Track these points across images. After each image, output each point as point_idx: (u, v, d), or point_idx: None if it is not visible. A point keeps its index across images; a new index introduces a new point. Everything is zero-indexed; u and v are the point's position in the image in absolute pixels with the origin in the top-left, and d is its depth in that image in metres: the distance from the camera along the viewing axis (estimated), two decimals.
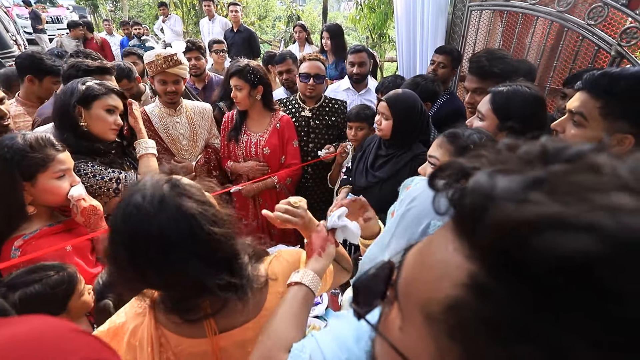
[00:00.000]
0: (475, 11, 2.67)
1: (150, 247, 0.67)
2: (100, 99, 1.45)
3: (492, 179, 0.26)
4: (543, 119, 1.27)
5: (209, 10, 5.91)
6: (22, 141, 1.16)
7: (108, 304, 1.08)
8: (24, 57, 2.09)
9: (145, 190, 0.70)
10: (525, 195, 0.23)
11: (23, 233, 1.18)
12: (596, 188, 0.22)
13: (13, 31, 8.13)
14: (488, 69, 1.65)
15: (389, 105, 1.66)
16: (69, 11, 13.67)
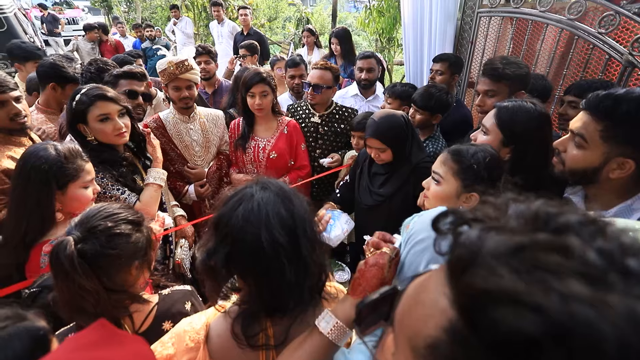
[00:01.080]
0: (484, 17, 2.65)
1: (304, 232, 0.73)
2: (90, 111, 1.46)
3: (482, 237, 0.29)
4: (548, 135, 1.26)
5: (218, 14, 5.99)
6: (55, 152, 1.24)
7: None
8: (47, 65, 2.15)
9: (279, 189, 0.76)
10: (497, 265, 0.26)
11: (49, 239, 1.24)
12: (559, 272, 0.24)
13: (31, 33, 8.35)
14: (501, 71, 1.66)
15: (381, 141, 1.61)
16: (84, 12, 13.98)
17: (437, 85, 2.10)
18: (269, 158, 2.16)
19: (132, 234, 0.99)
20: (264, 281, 0.77)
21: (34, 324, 0.58)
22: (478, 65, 2.79)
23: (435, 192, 1.17)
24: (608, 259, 0.25)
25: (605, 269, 0.25)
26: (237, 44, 5.52)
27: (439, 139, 2.09)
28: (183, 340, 0.82)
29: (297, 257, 0.74)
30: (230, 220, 0.74)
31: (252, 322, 0.79)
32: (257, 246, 0.71)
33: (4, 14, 7.04)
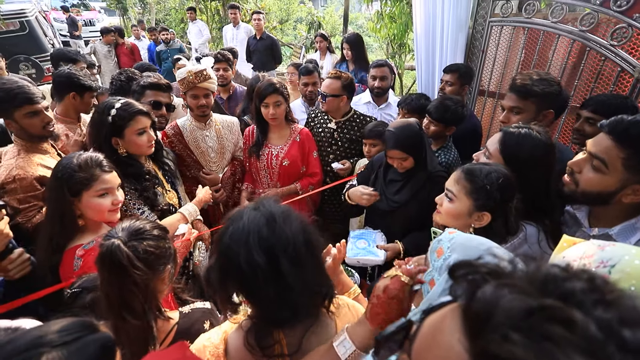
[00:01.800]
0: (496, 26, 2.68)
1: (284, 252, 0.76)
2: (129, 126, 1.55)
3: (497, 295, 0.33)
4: (550, 164, 1.27)
5: (235, 17, 6.09)
6: (75, 162, 1.31)
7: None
8: (64, 76, 2.22)
9: (269, 209, 0.80)
10: (510, 331, 0.30)
11: (82, 243, 1.32)
12: (564, 345, 0.28)
13: (50, 35, 8.61)
14: (530, 88, 1.57)
15: (402, 151, 1.66)
16: (100, 14, 14.32)
17: (453, 98, 2.10)
18: (281, 165, 2.23)
19: (165, 237, 1.11)
20: (249, 297, 0.83)
21: (105, 334, 0.66)
22: (489, 73, 2.81)
23: (448, 210, 1.19)
24: (606, 331, 0.29)
25: (604, 342, 0.28)
26: (249, 48, 5.63)
27: (451, 149, 2.11)
28: (204, 355, 0.87)
29: (275, 275, 0.76)
30: (222, 239, 0.81)
31: (264, 334, 0.84)
32: (237, 265, 0.76)
33: (26, 17, 7.28)
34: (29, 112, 1.65)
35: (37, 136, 1.72)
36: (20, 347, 0.59)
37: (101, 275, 1.00)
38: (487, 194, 1.11)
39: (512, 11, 2.56)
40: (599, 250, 0.67)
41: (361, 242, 1.74)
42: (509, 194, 1.12)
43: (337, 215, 2.58)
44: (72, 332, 0.63)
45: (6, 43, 6.78)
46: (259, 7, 8.01)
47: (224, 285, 0.82)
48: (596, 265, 0.65)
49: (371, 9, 5.55)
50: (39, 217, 1.62)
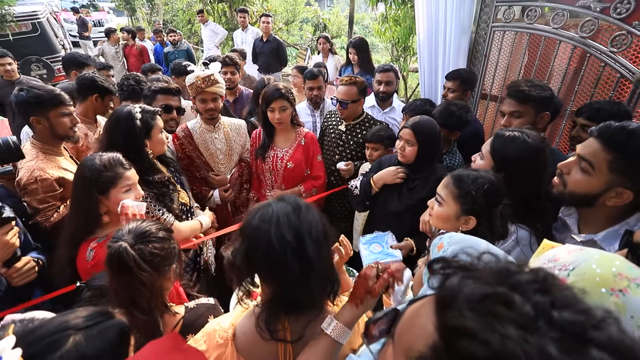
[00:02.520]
0: (499, 32, 2.71)
1: (309, 234, 0.85)
2: (155, 126, 1.69)
3: (460, 284, 0.42)
4: (540, 166, 1.33)
5: (244, 21, 6.15)
6: (99, 162, 1.40)
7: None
8: (89, 79, 2.37)
9: (293, 200, 0.90)
10: (466, 309, 0.39)
11: (97, 237, 1.41)
12: (501, 318, 0.36)
13: (61, 36, 8.77)
14: (527, 93, 1.68)
15: (414, 133, 1.73)
16: (108, 14, 14.52)
17: (458, 103, 2.13)
18: (286, 168, 2.30)
19: (170, 238, 1.17)
20: (273, 276, 0.90)
21: (121, 321, 0.74)
22: (491, 78, 2.85)
23: (438, 213, 1.27)
24: (539, 311, 0.37)
25: (534, 318, 0.36)
26: (255, 50, 5.70)
27: (456, 154, 2.16)
28: (213, 338, 0.94)
29: (301, 254, 0.84)
30: (249, 223, 0.89)
31: (273, 319, 0.92)
32: (267, 241, 0.84)
33: (38, 19, 7.43)
34: (62, 112, 1.80)
35: (62, 136, 1.84)
36: (50, 330, 0.67)
37: (110, 275, 1.07)
38: (472, 199, 1.17)
39: (514, 17, 2.60)
40: (565, 254, 0.71)
41: (375, 246, 1.78)
42: (494, 199, 1.18)
43: (343, 213, 2.65)
44: (93, 318, 0.72)
45: (19, 44, 6.93)
46: (265, 9, 8.09)
47: (248, 265, 0.89)
48: (559, 267, 0.69)
49: (377, 11, 5.59)
50: (56, 216, 1.71)
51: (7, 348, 0.64)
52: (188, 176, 2.32)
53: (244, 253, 0.88)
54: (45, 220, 1.70)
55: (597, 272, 0.62)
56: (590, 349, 0.34)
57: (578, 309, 0.38)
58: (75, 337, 0.67)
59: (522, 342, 0.34)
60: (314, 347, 0.91)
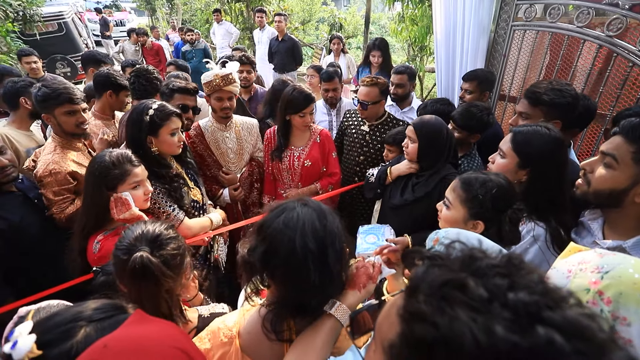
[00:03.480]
0: (519, 31, 2.63)
1: (332, 245, 0.84)
2: (165, 126, 1.66)
3: (426, 272, 0.44)
4: (563, 158, 1.30)
5: (261, 21, 6.20)
6: (108, 159, 1.42)
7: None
8: (103, 75, 2.39)
9: (318, 206, 0.89)
10: (425, 295, 0.41)
11: (104, 229, 1.44)
12: (454, 302, 0.38)
13: (85, 36, 9.08)
14: (539, 95, 1.62)
15: (415, 130, 1.76)
16: (130, 14, 14.90)
17: (479, 105, 2.06)
18: (303, 166, 2.30)
19: (178, 235, 1.16)
20: (290, 281, 0.89)
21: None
22: (510, 78, 2.77)
23: (445, 217, 1.25)
24: (494, 294, 0.38)
25: (489, 300, 0.37)
26: (271, 49, 5.73)
27: (475, 157, 2.09)
28: (218, 336, 0.94)
29: (322, 265, 0.85)
30: (272, 224, 0.87)
31: (279, 321, 0.92)
32: (291, 248, 0.83)
33: (63, 19, 7.72)
34: (67, 111, 1.82)
35: (69, 133, 1.88)
36: (65, 320, 0.69)
37: (132, 288, 1.02)
38: (480, 204, 1.15)
39: (536, 15, 2.51)
40: (597, 257, 0.69)
41: (370, 237, 1.77)
42: (502, 204, 1.16)
43: (363, 211, 2.64)
44: (105, 310, 0.73)
45: (45, 43, 7.23)
46: (281, 9, 8.13)
47: (264, 266, 0.89)
48: (591, 270, 0.67)
49: (393, 10, 5.53)
50: (71, 208, 1.76)
51: (24, 333, 0.66)
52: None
53: (262, 254, 0.87)
54: (59, 212, 1.75)
55: (636, 277, 0.62)
56: (537, 327, 0.35)
57: (536, 290, 0.39)
58: (87, 328, 0.68)
59: (471, 323, 0.36)
60: (316, 326, 0.91)
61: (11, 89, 2.32)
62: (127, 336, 0.64)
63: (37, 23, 6.32)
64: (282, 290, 0.92)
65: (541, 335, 0.35)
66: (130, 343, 0.63)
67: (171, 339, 0.67)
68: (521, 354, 0.34)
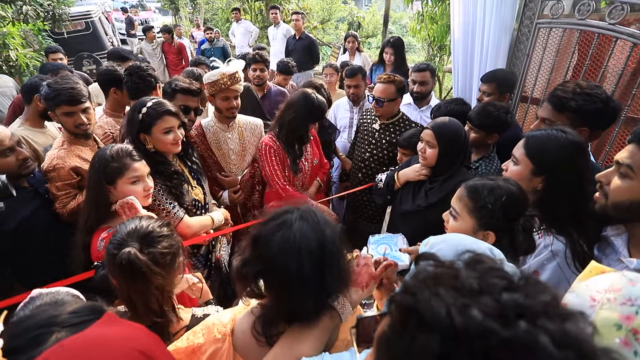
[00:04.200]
0: (544, 29, 2.48)
1: (331, 268, 0.82)
2: (156, 124, 1.62)
3: (423, 269, 0.46)
4: (582, 165, 1.19)
5: (275, 17, 6.26)
6: (109, 152, 1.43)
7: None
8: (103, 73, 2.37)
9: (316, 222, 0.85)
10: (409, 282, 0.43)
11: (109, 226, 1.44)
12: (441, 283, 0.40)
13: (111, 34, 9.38)
14: (566, 101, 1.48)
15: (435, 134, 1.65)
16: (154, 14, 15.33)
17: (497, 104, 1.96)
18: (312, 165, 2.27)
19: (172, 233, 1.14)
20: (284, 298, 0.86)
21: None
22: (533, 79, 2.62)
23: (453, 228, 1.17)
24: (486, 287, 0.38)
25: (478, 292, 0.38)
26: (288, 48, 5.72)
27: (494, 160, 1.98)
28: (212, 332, 0.93)
29: (320, 287, 0.82)
30: (267, 244, 0.83)
31: (271, 325, 0.89)
32: (286, 273, 0.80)
33: (91, 18, 7.99)
34: (65, 112, 1.82)
35: (70, 132, 1.89)
36: (35, 325, 0.66)
37: (121, 284, 1.01)
38: (489, 213, 1.07)
39: (563, 12, 2.36)
40: (629, 285, 0.60)
41: (382, 247, 1.71)
42: (513, 212, 1.07)
43: (373, 214, 2.57)
44: (82, 315, 0.69)
45: (73, 41, 7.50)
46: (300, 8, 8.12)
47: (256, 280, 0.88)
48: (622, 301, 0.59)
49: (413, 9, 5.40)
50: (73, 203, 1.78)
51: None
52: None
53: (256, 272, 0.85)
54: (62, 207, 1.77)
55: None
56: (520, 322, 0.34)
57: (540, 298, 0.37)
58: (59, 334, 0.65)
59: (449, 301, 0.37)
60: (315, 317, 0.88)
61: (31, 83, 2.29)
62: (86, 336, 0.62)
63: (66, 22, 6.57)
64: (276, 300, 0.89)
65: (522, 329, 0.34)
66: (87, 342, 0.60)
67: (134, 341, 0.64)
68: (497, 342, 0.33)
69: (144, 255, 0.99)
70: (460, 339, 0.34)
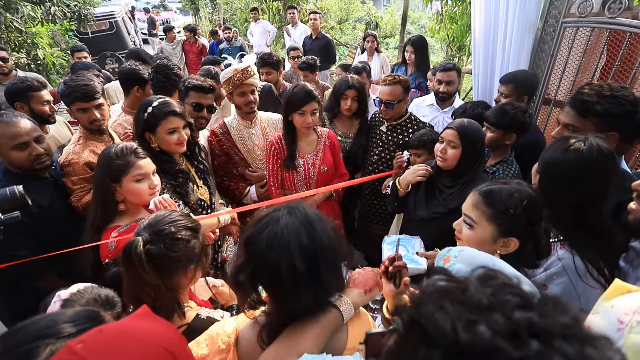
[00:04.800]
0: (570, 28, 2.37)
1: (324, 259, 0.80)
2: (161, 125, 1.62)
3: (433, 284, 0.43)
4: (600, 180, 1.11)
5: (293, 17, 6.28)
6: (113, 150, 1.43)
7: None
8: (126, 72, 2.42)
9: (304, 215, 0.82)
10: (416, 295, 0.42)
11: (119, 225, 1.43)
12: (447, 297, 0.38)
13: (133, 34, 9.63)
14: (591, 105, 1.38)
15: (459, 134, 1.58)
16: (175, 14, 15.68)
17: (513, 103, 1.91)
18: (319, 172, 2.16)
19: (191, 239, 1.10)
20: (282, 300, 0.84)
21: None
22: (557, 81, 2.51)
23: (469, 238, 1.10)
24: (496, 304, 0.36)
25: (488, 307, 0.36)
26: (305, 47, 5.72)
27: (512, 164, 1.90)
28: (216, 342, 0.91)
29: (316, 282, 0.79)
30: (255, 242, 0.81)
31: (275, 333, 0.86)
32: (277, 271, 0.78)
33: (114, 18, 8.23)
34: (79, 108, 1.88)
35: (86, 128, 1.94)
36: (27, 338, 0.63)
37: (123, 269, 1.03)
38: (511, 219, 1.01)
39: (591, 10, 2.25)
40: None
41: (400, 248, 1.67)
42: (536, 216, 1.02)
43: (381, 216, 2.53)
44: (78, 323, 0.67)
45: (97, 41, 7.75)
46: (317, 7, 8.12)
47: (254, 285, 0.87)
48: None
49: (432, 9, 5.29)
50: (87, 197, 1.81)
51: None
52: (226, 172, 2.32)
53: (249, 275, 0.83)
54: (77, 200, 1.82)
55: None
56: (532, 342, 0.32)
57: (557, 318, 0.34)
58: (53, 346, 0.62)
59: (454, 315, 0.35)
60: (317, 313, 0.87)
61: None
62: (123, 327, 0.63)
63: (91, 22, 6.79)
64: (276, 304, 0.88)
65: (534, 349, 0.31)
66: (122, 332, 0.60)
67: (164, 339, 0.63)
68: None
69: (144, 249, 0.98)
70: (465, 357, 0.32)
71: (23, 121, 1.67)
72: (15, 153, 1.63)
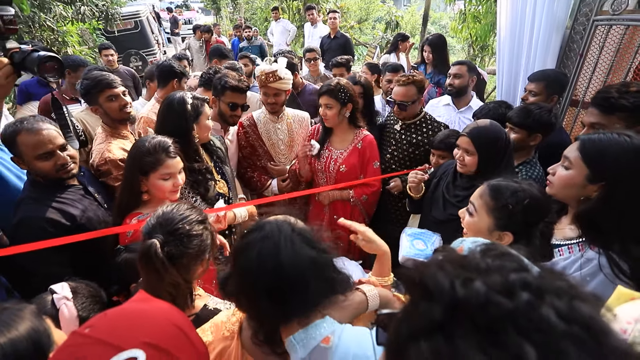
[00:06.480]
0: (602, 26, 2.28)
1: (308, 284, 0.78)
2: (202, 113, 1.75)
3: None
4: None
5: (312, 17, 6.33)
6: (147, 145, 1.46)
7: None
8: (168, 66, 2.66)
9: (278, 231, 0.80)
10: (433, 261, 0.43)
11: (140, 212, 1.49)
12: (453, 263, 0.40)
13: (157, 33, 9.90)
14: (615, 101, 1.37)
15: (471, 140, 1.55)
16: (197, 13, 16.01)
17: (538, 103, 1.85)
18: (338, 171, 2.18)
19: (203, 232, 1.10)
20: (265, 317, 0.82)
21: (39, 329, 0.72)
22: (586, 81, 2.42)
23: (468, 224, 1.16)
24: (495, 268, 0.38)
25: (485, 270, 0.38)
26: (323, 47, 5.72)
27: (536, 166, 1.84)
28: (220, 330, 0.93)
29: (305, 300, 0.78)
30: (240, 257, 0.81)
31: (272, 332, 0.84)
32: (266, 287, 0.77)
33: (139, 17, 8.47)
34: (109, 96, 1.92)
35: (117, 119, 1.97)
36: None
37: (142, 271, 1.02)
38: (508, 215, 1.06)
39: (626, 7, 2.15)
40: None
41: (419, 242, 1.64)
42: (534, 217, 1.06)
43: (398, 217, 2.48)
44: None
45: (122, 39, 8.01)
46: (337, 7, 8.11)
47: (239, 294, 0.86)
48: None
49: (455, 9, 5.20)
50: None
51: None
52: (249, 164, 2.41)
53: (234, 288, 0.84)
54: None
55: None
56: (522, 293, 0.33)
57: (553, 281, 0.36)
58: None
59: (453, 274, 0.37)
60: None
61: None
62: (127, 308, 0.65)
63: (117, 21, 7.02)
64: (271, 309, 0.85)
65: (524, 299, 0.33)
66: (130, 313, 0.63)
67: (171, 315, 0.65)
68: (498, 314, 0.33)
69: (163, 252, 0.98)
70: (461, 309, 0.35)
71: (46, 128, 1.51)
72: (39, 163, 1.50)
